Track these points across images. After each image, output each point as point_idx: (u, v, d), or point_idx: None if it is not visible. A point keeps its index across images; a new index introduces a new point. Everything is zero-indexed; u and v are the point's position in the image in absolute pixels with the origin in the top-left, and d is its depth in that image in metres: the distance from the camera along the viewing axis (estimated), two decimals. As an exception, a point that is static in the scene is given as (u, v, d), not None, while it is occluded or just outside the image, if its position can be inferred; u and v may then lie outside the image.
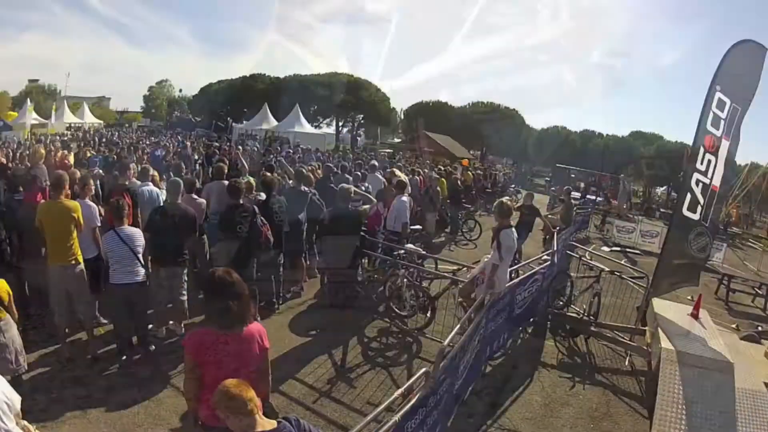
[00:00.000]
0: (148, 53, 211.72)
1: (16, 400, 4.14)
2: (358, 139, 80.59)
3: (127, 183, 10.51)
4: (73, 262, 8.10)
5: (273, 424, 3.73)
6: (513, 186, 40.71)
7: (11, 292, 6.57)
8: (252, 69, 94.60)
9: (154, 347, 8.78)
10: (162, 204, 9.56)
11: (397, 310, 10.46)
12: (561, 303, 11.69)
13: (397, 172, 17.54)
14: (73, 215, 7.99)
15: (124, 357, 8.43)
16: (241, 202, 9.43)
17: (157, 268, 8.81)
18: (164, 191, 10.40)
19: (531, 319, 10.82)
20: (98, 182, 11.92)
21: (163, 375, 8.15)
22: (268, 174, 12.28)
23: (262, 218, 9.55)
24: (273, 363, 7.64)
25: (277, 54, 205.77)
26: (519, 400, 8.26)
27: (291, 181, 12.65)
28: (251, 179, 11.71)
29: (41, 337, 8.86)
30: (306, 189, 11.79)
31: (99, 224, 8.82)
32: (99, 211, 9.00)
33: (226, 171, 12.39)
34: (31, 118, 53.49)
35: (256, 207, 9.73)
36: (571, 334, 10.75)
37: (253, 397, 3.65)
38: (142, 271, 8.14)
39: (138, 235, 8.15)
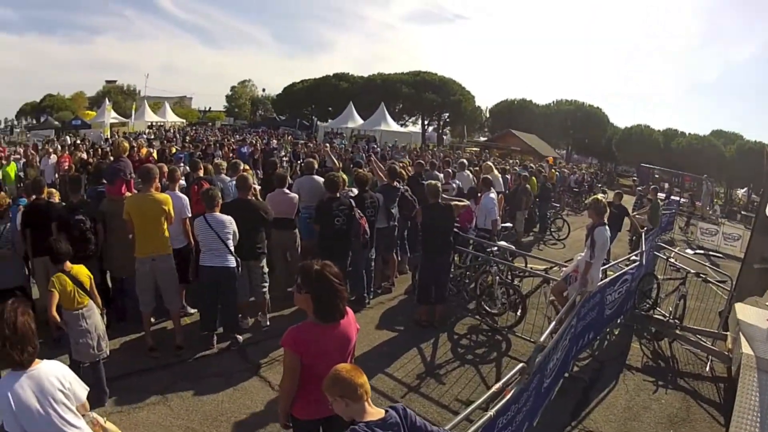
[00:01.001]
0: (227, 54, 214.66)
1: (81, 390, 4.08)
2: (444, 137, 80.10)
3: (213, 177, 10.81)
4: (164, 253, 8.29)
5: (381, 412, 3.65)
6: (599, 185, 40.00)
7: (92, 278, 6.81)
8: (335, 68, 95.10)
9: (241, 338, 8.87)
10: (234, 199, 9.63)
11: (487, 307, 10.34)
12: (647, 305, 11.31)
13: (493, 169, 17.50)
14: (164, 207, 8.16)
15: (210, 347, 8.59)
16: (338, 195, 9.53)
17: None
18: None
19: (618, 320, 10.63)
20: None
21: (249, 365, 8.29)
22: (361, 170, 12.20)
23: (359, 211, 9.67)
24: (363, 357, 7.74)
25: (359, 53, 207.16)
26: (604, 402, 8.12)
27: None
28: (343, 175, 11.66)
29: (123, 324, 9.13)
30: (398, 185, 11.80)
31: (189, 215, 9.03)
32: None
33: (316, 166, 12.47)
34: (110, 116, 54.56)
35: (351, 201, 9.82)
36: (656, 337, 10.55)
37: (365, 383, 3.58)
38: (231, 257, 8.30)
39: (227, 222, 8.30)
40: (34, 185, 9.34)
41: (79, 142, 32.85)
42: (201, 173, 10.92)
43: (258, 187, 10.85)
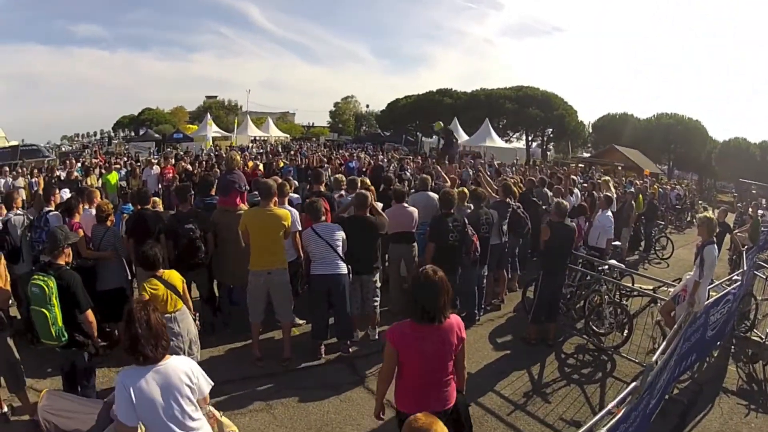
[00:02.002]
0: (329, 70, 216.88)
1: (206, 385, 4.33)
2: (548, 153, 79.33)
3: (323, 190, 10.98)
4: (280, 267, 8.48)
5: None
6: (699, 202, 38.82)
7: (186, 282, 7.09)
8: (436, 84, 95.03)
9: (351, 349, 9.08)
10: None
11: (594, 327, 10.31)
12: (745, 326, 11.12)
13: (610, 185, 17.34)
14: (284, 223, 8.35)
15: (318, 357, 8.85)
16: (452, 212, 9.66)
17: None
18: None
19: (718, 342, 10.30)
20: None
21: (357, 377, 8.48)
22: (480, 188, 12.10)
23: (472, 228, 9.83)
24: (473, 374, 7.87)
25: (459, 68, 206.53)
26: (699, 426, 8.02)
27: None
28: (465, 189, 11.62)
29: (229, 331, 9.55)
30: (511, 202, 11.87)
31: (299, 228, 9.16)
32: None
33: (431, 183, 12.55)
34: (212, 130, 55.69)
35: (465, 218, 9.98)
36: (752, 359, 10.22)
37: (439, 428, 3.48)
38: (342, 265, 8.52)
39: (335, 229, 8.59)
40: (139, 196, 9.82)
41: (182, 154, 34.42)
42: (322, 188, 11.13)
43: (380, 205, 10.79)
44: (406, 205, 10.71)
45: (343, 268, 8.66)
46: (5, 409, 7.29)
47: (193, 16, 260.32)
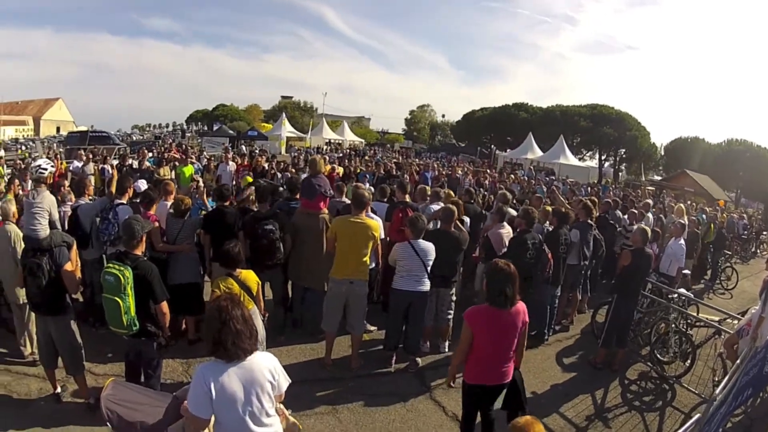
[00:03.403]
0: (405, 78, 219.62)
1: (284, 382, 4.36)
2: (620, 174, 78.37)
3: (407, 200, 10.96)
4: (362, 278, 8.59)
5: None
6: (765, 233, 37.35)
7: (260, 283, 7.23)
8: (510, 97, 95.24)
9: (420, 361, 9.14)
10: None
11: (658, 355, 10.21)
12: None
13: (684, 212, 17.03)
14: (373, 234, 8.50)
15: (388, 366, 8.97)
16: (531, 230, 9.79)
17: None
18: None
19: None
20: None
21: (425, 388, 8.54)
22: (567, 207, 12.55)
23: (547, 247, 9.89)
24: (538, 394, 8.26)
25: (533, 82, 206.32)
26: None
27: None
28: (571, 213, 11.88)
29: (299, 332, 9.74)
30: (591, 223, 11.83)
31: (382, 236, 9.41)
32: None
33: (509, 198, 12.65)
34: (287, 130, 56.60)
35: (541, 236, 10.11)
36: None
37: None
38: (428, 282, 8.56)
39: (431, 250, 8.54)
40: (218, 194, 9.90)
41: (258, 152, 34.35)
42: (407, 198, 11.10)
43: (467, 219, 11.17)
44: (505, 224, 10.83)
45: (428, 286, 8.73)
46: (59, 390, 7.55)
47: (269, 16, 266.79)
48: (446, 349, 9.75)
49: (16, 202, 8.98)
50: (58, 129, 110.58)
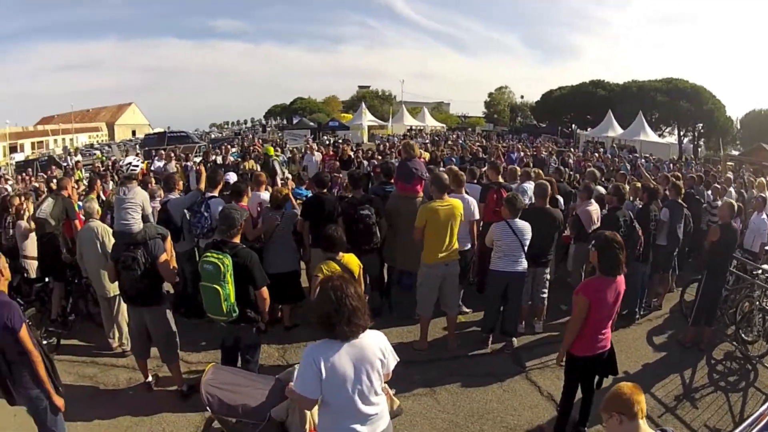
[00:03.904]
0: (480, 61, 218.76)
1: (392, 361, 4.38)
2: (699, 149, 77.00)
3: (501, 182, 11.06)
4: (455, 259, 8.69)
5: None
6: None
7: (362, 266, 7.39)
8: (586, 74, 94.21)
9: (516, 341, 9.20)
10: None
11: (743, 335, 9.97)
12: None
13: (765, 187, 16.06)
14: (457, 213, 8.54)
15: (485, 347, 9.02)
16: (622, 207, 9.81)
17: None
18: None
19: None
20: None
21: (520, 368, 8.68)
22: (653, 183, 12.39)
23: (638, 224, 9.84)
24: (630, 374, 8.42)
25: (607, 57, 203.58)
26: None
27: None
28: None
29: (395, 314, 9.94)
30: (681, 203, 11.51)
31: (477, 218, 9.56)
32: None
33: (598, 176, 12.80)
34: (367, 119, 56.99)
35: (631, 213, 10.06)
36: None
37: (642, 401, 4.03)
38: (525, 262, 8.60)
39: (527, 229, 8.57)
40: (318, 181, 10.07)
41: (341, 141, 35.51)
42: (500, 179, 11.14)
43: (560, 198, 11.30)
44: (592, 201, 10.86)
45: (525, 266, 8.77)
46: (150, 378, 7.81)
47: (336, 9, 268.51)
48: (541, 329, 9.80)
49: (101, 202, 9.27)
50: (133, 132, 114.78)
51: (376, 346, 4.22)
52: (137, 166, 11.61)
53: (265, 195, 10.14)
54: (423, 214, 8.53)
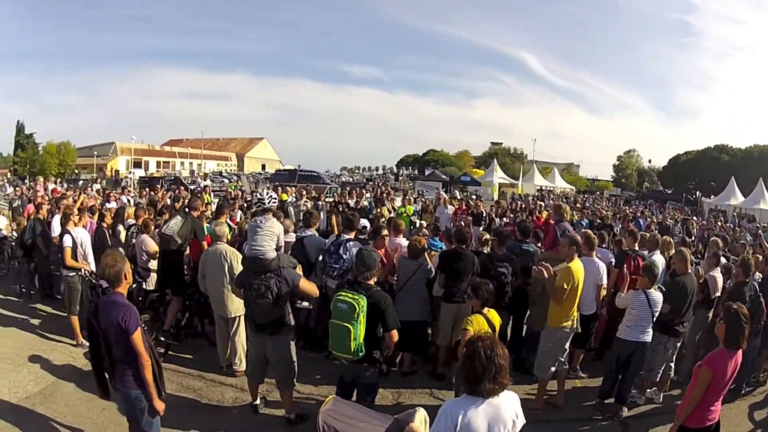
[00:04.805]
0: (609, 122, 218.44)
1: (520, 423, 4.28)
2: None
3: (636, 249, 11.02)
4: (576, 324, 8.66)
5: None
6: None
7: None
8: (712, 137, 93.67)
9: (626, 410, 8.91)
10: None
11: None
12: None
13: None
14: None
15: (596, 412, 8.75)
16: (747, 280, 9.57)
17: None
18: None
19: None
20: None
21: None
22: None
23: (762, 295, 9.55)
24: None
25: (731, 119, 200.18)
26: None
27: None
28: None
29: (518, 375, 9.40)
30: None
31: (604, 283, 9.53)
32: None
33: (721, 245, 12.50)
34: (498, 176, 57.20)
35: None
36: None
37: None
38: (651, 333, 8.44)
39: (660, 300, 8.42)
40: (457, 236, 9.88)
41: (474, 197, 35.97)
42: (636, 246, 11.15)
43: (701, 269, 10.82)
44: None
45: (650, 336, 8.59)
46: (258, 401, 7.92)
47: (470, 63, 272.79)
48: (660, 400, 9.47)
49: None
50: (263, 166, 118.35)
51: (511, 407, 4.20)
52: (276, 199, 11.89)
53: (403, 242, 10.32)
54: (567, 276, 8.34)
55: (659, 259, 10.76)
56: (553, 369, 8.66)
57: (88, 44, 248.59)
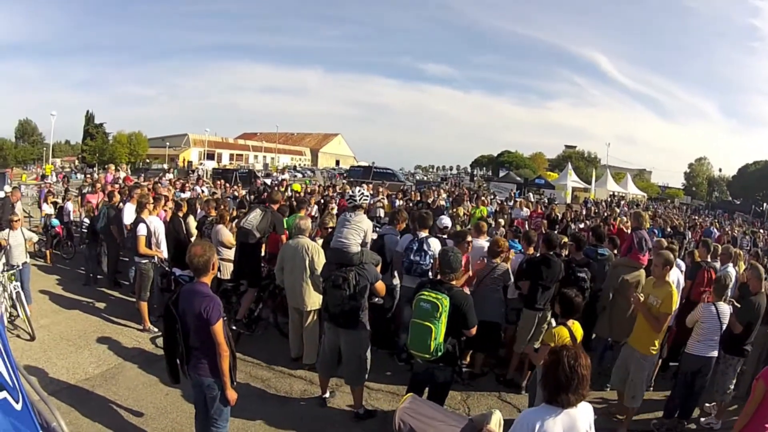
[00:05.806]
0: (680, 128, 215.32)
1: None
2: None
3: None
4: None
5: None
6: None
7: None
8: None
9: (686, 423, 8.76)
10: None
11: None
12: None
13: None
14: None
15: (660, 429, 8.52)
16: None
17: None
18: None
19: None
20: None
21: None
22: None
23: None
24: None
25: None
26: None
27: None
28: None
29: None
30: None
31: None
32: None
33: None
34: (571, 180, 56.97)
35: None
36: None
37: None
38: (717, 347, 8.20)
39: (728, 314, 8.18)
40: (546, 240, 9.65)
41: (547, 200, 36.56)
42: (709, 258, 11.00)
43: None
44: None
45: (717, 351, 8.33)
46: (327, 394, 7.99)
47: (544, 63, 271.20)
48: (718, 425, 8.99)
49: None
50: (337, 162, 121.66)
51: (586, 419, 4.20)
52: (368, 196, 12.01)
53: (484, 243, 10.06)
54: (670, 302, 7.75)
55: (732, 272, 10.48)
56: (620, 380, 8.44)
57: (168, 39, 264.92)
